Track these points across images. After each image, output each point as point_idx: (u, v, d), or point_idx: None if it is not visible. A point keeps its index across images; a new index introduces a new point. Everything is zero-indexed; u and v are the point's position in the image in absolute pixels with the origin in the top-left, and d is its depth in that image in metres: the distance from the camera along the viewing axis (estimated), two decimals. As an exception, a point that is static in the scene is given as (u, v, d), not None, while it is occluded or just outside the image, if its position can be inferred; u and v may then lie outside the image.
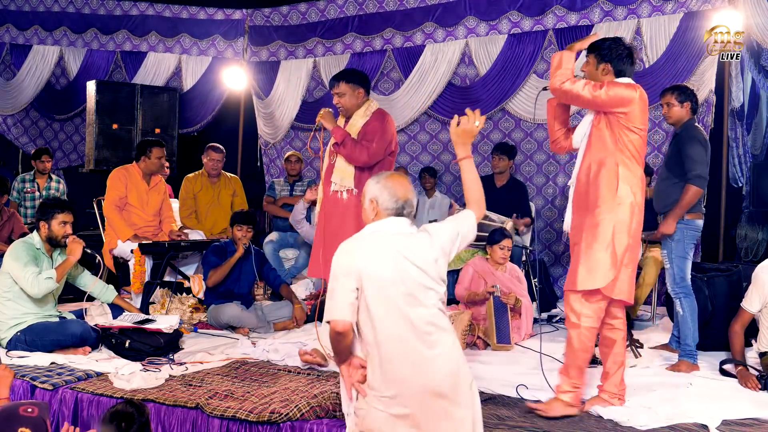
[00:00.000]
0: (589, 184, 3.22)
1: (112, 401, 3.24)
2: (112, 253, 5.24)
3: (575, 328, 3.19)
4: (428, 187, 6.92)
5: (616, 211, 3.14)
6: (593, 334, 3.21)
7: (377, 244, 2.39)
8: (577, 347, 3.19)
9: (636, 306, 5.19)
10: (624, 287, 3.17)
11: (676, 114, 4.10)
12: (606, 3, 6.26)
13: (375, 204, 2.47)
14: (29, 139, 8.25)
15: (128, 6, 7.96)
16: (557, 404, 3.20)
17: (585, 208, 3.24)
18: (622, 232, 3.13)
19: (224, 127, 8.07)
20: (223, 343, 4.49)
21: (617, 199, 3.14)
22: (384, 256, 2.35)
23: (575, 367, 3.21)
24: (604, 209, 3.15)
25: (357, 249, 2.40)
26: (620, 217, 3.14)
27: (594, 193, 3.19)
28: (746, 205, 6.32)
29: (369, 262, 2.34)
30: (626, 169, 3.16)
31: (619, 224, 3.14)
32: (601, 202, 3.16)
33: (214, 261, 4.98)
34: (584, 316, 3.17)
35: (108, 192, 5.27)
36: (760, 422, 3.15)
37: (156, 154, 5.34)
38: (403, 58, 7.18)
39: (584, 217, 3.23)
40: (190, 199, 6.08)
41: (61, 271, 4.07)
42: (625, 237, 3.13)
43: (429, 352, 2.34)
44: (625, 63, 3.26)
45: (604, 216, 3.15)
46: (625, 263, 3.15)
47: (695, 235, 4.07)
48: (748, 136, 6.53)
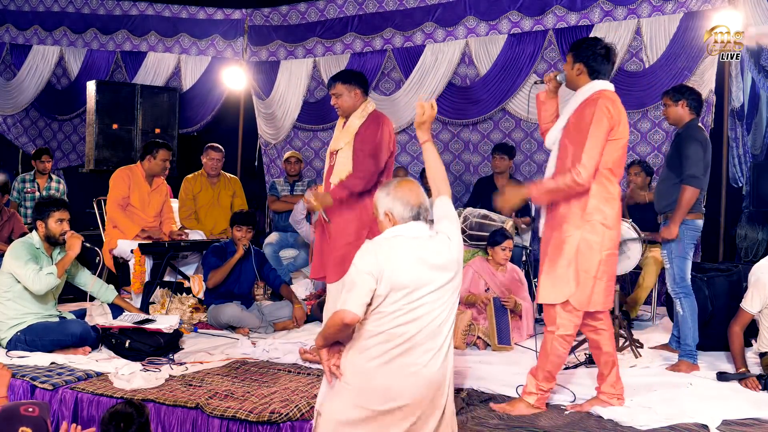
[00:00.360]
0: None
1: (112, 401, 3.24)
2: (112, 253, 5.24)
3: (550, 334, 3.20)
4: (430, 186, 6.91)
5: (583, 228, 3.09)
6: (568, 342, 3.20)
7: (400, 248, 2.46)
8: (550, 353, 3.19)
9: (636, 306, 5.20)
10: (599, 299, 3.14)
11: (673, 114, 4.11)
12: (606, 3, 6.26)
13: (390, 216, 2.55)
14: (29, 139, 8.25)
15: (128, 6, 7.96)
16: (521, 405, 3.22)
17: (553, 222, 3.21)
18: (589, 249, 3.09)
19: (224, 127, 8.07)
20: (223, 343, 4.49)
21: (586, 216, 3.09)
22: (405, 261, 2.43)
23: (544, 371, 3.22)
24: (571, 226, 3.11)
25: (382, 250, 2.45)
26: (586, 235, 3.09)
27: (564, 207, 3.15)
28: (746, 205, 6.32)
29: (392, 265, 2.41)
30: (598, 185, 3.10)
31: (584, 243, 3.09)
32: (570, 218, 3.12)
33: (214, 262, 4.98)
34: (560, 325, 3.17)
35: (111, 191, 5.26)
36: (760, 422, 3.15)
37: (162, 156, 5.34)
38: (403, 58, 7.18)
39: (552, 232, 3.21)
40: (190, 200, 6.08)
41: (61, 267, 4.08)
42: (591, 254, 3.09)
43: (424, 357, 2.44)
44: (601, 63, 3.19)
45: (571, 233, 3.11)
46: (598, 276, 3.12)
47: (695, 235, 4.07)
48: (748, 136, 6.53)
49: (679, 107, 4.07)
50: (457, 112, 7.07)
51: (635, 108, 6.25)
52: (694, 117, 4.09)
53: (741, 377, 3.69)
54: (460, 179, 7.31)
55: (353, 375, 2.46)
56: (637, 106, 6.25)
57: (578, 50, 3.22)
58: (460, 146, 7.26)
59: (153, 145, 5.40)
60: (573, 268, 3.11)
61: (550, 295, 3.17)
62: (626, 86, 6.26)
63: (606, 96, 3.14)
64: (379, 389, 2.42)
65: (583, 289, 3.11)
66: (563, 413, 3.23)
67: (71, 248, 4.11)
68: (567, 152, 3.16)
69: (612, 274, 3.22)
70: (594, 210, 3.10)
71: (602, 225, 3.10)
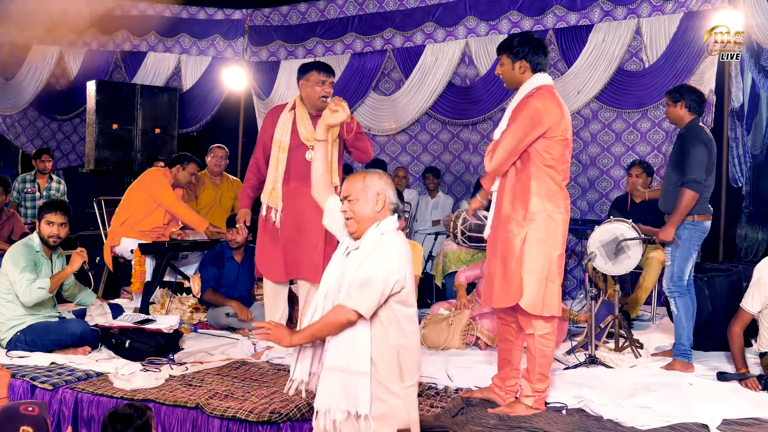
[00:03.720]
0: (502, 197, 3.18)
1: (112, 401, 3.24)
2: (114, 252, 5.24)
3: (530, 337, 3.18)
4: (431, 187, 6.91)
5: (527, 227, 3.06)
6: (550, 340, 3.19)
7: (408, 248, 2.50)
8: (536, 355, 3.18)
9: (636, 306, 5.19)
10: (553, 303, 3.10)
11: (673, 114, 4.12)
12: (606, 3, 6.26)
13: (383, 197, 2.53)
14: (27, 139, 8.25)
15: (128, 6, 7.96)
16: (520, 407, 3.21)
17: (498, 222, 3.19)
18: (534, 248, 3.06)
19: (224, 127, 8.07)
20: (223, 343, 4.49)
21: (529, 215, 3.07)
22: (409, 261, 2.49)
23: (536, 373, 3.21)
24: (514, 224, 3.09)
25: (405, 250, 2.46)
26: (531, 234, 3.06)
27: (507, 206, 3.14)
28: (746, 205, 6.33)
29: (410, 265, 2.47)
30: (539, 182, 3.07)
31: (531, 241, 3.06)
32: (513, 216, 3.10)
33: (211, 273, 4.98)
34: (536, 326, 3.15)
35: (163, 190, 5.24)
36: (760, 422, 3.15)
37: (191, 170, 5.39)
38: (403, 58, 7.19)
39: (497, 233, 3.18)
40: (192, 199, 6.08)
41: (54, 282, 4.07)
42: (538, 253, 3.05)
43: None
44: (540, 56, 3.19)
45: (515, 232, 3.09)
46: (550, 279, 3.08)
47: (702, 236, 4.06)
48: (748, 136, 6.54)
49: (678, 108, 4.08)
50: (457, 112, 7.07)
51: (635, 108, 6.25)
52: (695, 117, 4.08)
53: (741, 377, 3.69)
54: (460, 179, 7.31)
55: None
56: (637, 106, 6.25)
57: (513, 49, 3.19)
58: (460, 146, 7.26)
59: (186, 158, 5.44)
60: (524, 269, 3.06)
61: (502, 299, 3.14)
62: (626, 86, 6.27)
63: (543, 93, 3.12)
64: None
65: (535, 292, 3.06)
66: (562, 413, 3.23)
67: (71, 264, 4.10)
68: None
69: (559, 278, 3.15)
70: (538, 209, 3.07)
71: (547, 221, 3.07)
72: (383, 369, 2.39)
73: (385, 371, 2.39)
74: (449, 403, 3.27)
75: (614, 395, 3.42)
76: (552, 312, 3.11)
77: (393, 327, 2.42)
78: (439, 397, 3.38)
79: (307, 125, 3.98)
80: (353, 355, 2.39)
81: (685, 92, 4.10)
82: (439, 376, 3.74)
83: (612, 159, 6.48)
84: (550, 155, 3.08)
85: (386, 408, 2.39)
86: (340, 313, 2.39)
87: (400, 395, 2.42)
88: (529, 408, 3.20)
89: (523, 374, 3.30)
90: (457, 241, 5.52)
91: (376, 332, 2.40)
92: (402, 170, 7.03)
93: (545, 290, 3.07)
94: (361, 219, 2.51)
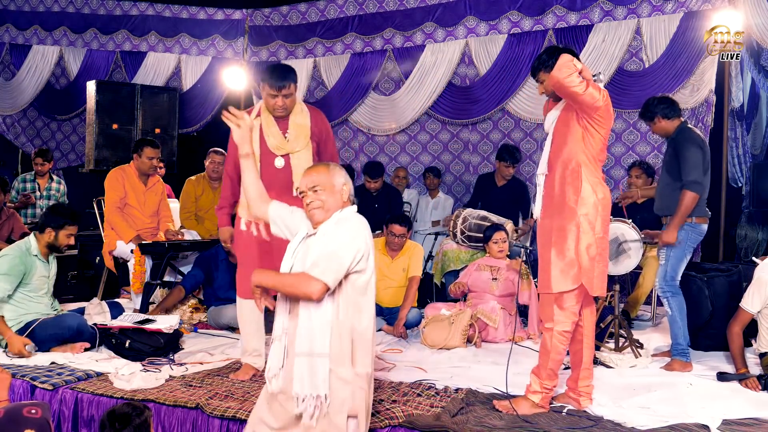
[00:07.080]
0: (553, 186, 3.23)
1: (112, 401, 3.24)
2: (112, 254, 5.24)
3: (549, 331, 3.20)
4: (432, 187, 6.91)
5: (581, 211, 3.13)
6: (567, 338, 3.21)
7: (369, 231, 2.54)
8: (551, 350, 3.19)
9: (636, 306, 5.19)
10: (600, 284, 3.17)
11: (657, 131, 4.17)
12: (606, 3, 6.27)
13: (348, 188, 2.61)
14: (27, 139, 8.26)
15: (128, 6, 7.96)
16: (525, 403, 3.22)
17: (551, 210, 3.24)
18: (586, 232, 3.13)
19: (224, 127, 7.81)
20: (223, 343, 4.49)
21: (581, 200, 3.13)
22: (371, 242, 2.53)
23: (547, 369, 3.22)
24: (569, 211, 3.15)
25: (365, 229, 2.50)
26: (583, 219, 3.13)
27: (560, 195, 3.19)
28: (746, 205, 6.33)
29: (371, 248, 2.51)
30: (587, 169, 3.16)
31: (584, 225, 3.13)
32: (567, 203, 3.16)
33: (193, 276, 5.05)
34: (557, 321, 3.17)
35: (107, 193, 5.25)
36: (760, 422, 3.14)
37: (147, 154, 5.28)
38: (403, 58, 7.19)
39: (552, 220, 3.22)
40: (191, 202, 6.07)
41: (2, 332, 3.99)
42: (589, 236, 3.13)
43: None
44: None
45: (570, 217, 3.14)
46: (597, 260, 3.15)
47: (698, 239, 4.06)
48: (747, 136, 6.55)
49: (657, 123, 4.11)
50: (456, 112, 7.07)
51: (635, 108, 6.25)
52: (680, 121, 4.08)
53: (741, 378, 3.69)
54: (459, 179, 7.31)
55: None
56: (637, 106, 6.19)
57: (546, 63, 3.24)
58: (460, 146, 7.26)
59: (140, 143, 5.39)
60: (579, 252, 3.12)
61: (560, 283, 3.16)
62: (626, 86, 6.28)
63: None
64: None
65: (588, 272, 3.13)
66: (562, 414, 3.23)
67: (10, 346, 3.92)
68: (559, 144, 3.23)
69: (606, 259, 3.23)
70: (588, 193, 3.14)
71: (596, 204, 3.14)
72: (334, 350, 2.41)
73: (336, 352, 2.41)
74: (449, 403, 3.27)
75: (614, 395, 3.42)
76: (599, 293, 3.18)
77: (350, 307, 2.45)
78: (439, 397, 3.38)
79: (274, 133, 3.72)
80: (318, 337, 2.41)
81: (652, 106, 4.12)
82: (439, 376, 3.74)
83: (612, 159, 6.48)
84: (595, 149, 3.16)
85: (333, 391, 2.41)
86: (306, 280, 2.38)
87: (349, 380, 2.42)
88: (535, 405, 3.19)
89: (533, 369, 3.30)
90: (457, 241, 5.53)
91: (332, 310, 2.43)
92: (402, 170, 7.03)
93: (592, 270, 3.13)
94: (329, 208, 2.56)
